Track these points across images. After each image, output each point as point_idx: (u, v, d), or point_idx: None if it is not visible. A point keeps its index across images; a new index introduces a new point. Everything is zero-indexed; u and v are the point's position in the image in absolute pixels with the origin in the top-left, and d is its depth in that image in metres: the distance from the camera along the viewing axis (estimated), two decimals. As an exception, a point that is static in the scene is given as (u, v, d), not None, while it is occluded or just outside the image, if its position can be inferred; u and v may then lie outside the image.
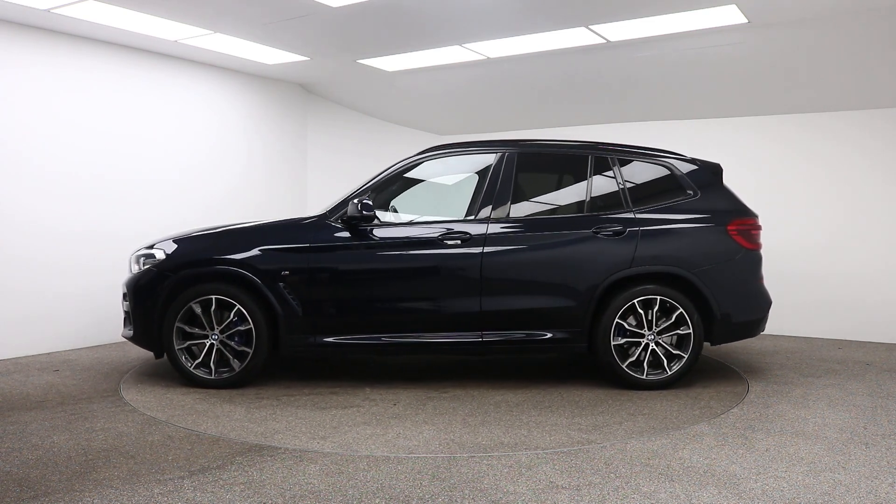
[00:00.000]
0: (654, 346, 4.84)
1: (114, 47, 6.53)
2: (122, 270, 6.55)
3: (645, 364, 4.83)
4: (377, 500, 2.96)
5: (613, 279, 4.81)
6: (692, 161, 5.16)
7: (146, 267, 5.00)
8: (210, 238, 5.06)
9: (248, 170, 7.80)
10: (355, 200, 4.82)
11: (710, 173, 5.12)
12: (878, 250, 6.82)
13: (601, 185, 5.10)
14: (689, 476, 3.23)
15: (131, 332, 5.06)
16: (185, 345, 4.91)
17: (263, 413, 4.32)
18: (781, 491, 3.06)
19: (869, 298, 6.84)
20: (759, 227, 5.07)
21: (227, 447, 3.63)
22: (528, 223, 4.98)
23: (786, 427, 4.01)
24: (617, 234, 4.86)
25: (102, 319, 6.50)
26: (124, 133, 6.64)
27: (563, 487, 3.10)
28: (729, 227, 4.92)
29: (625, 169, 5.08)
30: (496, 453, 3.55)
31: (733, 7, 5.17)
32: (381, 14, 5.51)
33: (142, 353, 6.07)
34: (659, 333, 4.86)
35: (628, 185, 5.04)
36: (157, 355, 5.02)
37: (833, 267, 7.01)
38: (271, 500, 2.96)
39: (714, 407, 4.44)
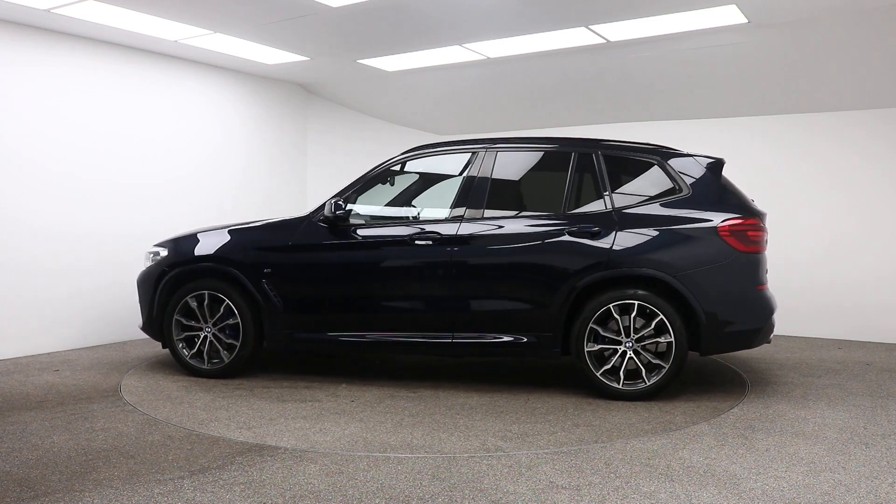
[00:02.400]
0: (632, 355, 4.51)
1: (114, 47, 6.53)
2: (123, 271, 6.59)
3: (621, 373, 4.52)
4: (377, 500, 2.96)
5: (587, 282, 4.55)
6: (686, 156, 4.82)
7: (151, 263, 5.39)
8: (205, 237, 5.34)
9: (248, 170, 7.80)
10: (331, 201, 4.97)
11: (704, 169, 4.75)
12: (878, 250, 6.82)
13: (582, 182, 4.85)
14: (689, 476, 3.24)
15: (142, 323, 5.46)
16: (183, 336, 5.22)
17: (225, 402, 4.54)
18: (781, 491, 3.06)
19: (869, 298, 6.84)
20: (759, 229, 4.62)
21: (227, 447, 3.63)
22: (500, 223, 4.82)
23: (786, 427, 4.01)
24: (592, 234, 4.60)
25: (102, 319, 6.51)
26: (124, 133, 6.64)
27: (563, 487, 3.10)
28: (720, 228, 4.51)
29: (609, 166, 4.79)
30: (494, 454, 3.55)
31: (733, 7, 5.17)
32: (381, 14, 5.51)
33: (141, 354, 6.08)
34: (638, 341, 4.52)
35: (611, 182, 4.75)
36: (163, 345, 5.31)
37: (833, 267, 7.02)
38: (271, 500, 2.96)
39: (714, 407, 4.43)
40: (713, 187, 4.71)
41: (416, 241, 4.84)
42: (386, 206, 5.37)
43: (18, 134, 5.89)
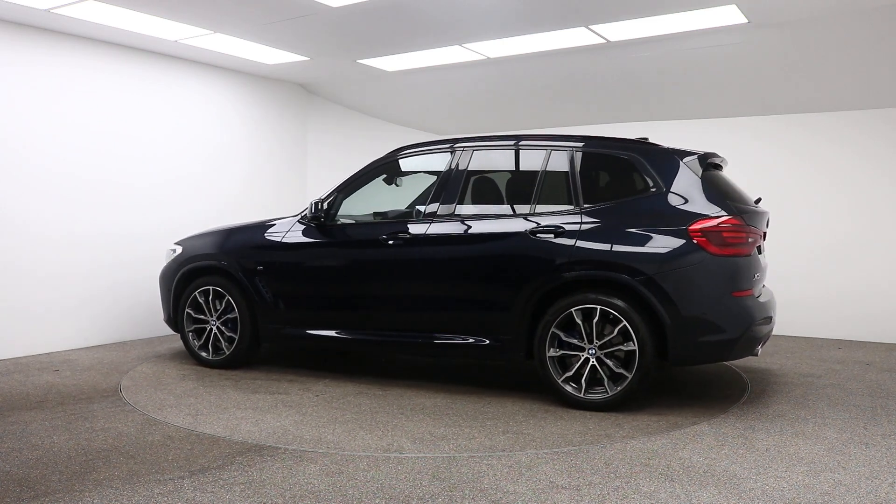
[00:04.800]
0: (595, 362, 4.27)
1: (114, 47, 6.52)
2: (123, 271, 6.62)
3: (583, 381, 4.28)
4: (377, 500, 2.96)
5: (549, 284, 4.36)
6: (665, 152, 4.50)
7: (170, 260, 5.80)
8: (211, 236, 5.70)
9: (249, 170, 7.80)
10: (313, 202, 5.20)
11: (685, 165, 4.40)
12: (878, 250, 6.82)
13: (553, 181, 4.64)
14: (689, 476, 3.23)
15: (164, 316, 5.88)
16: (193, 328, 5.60)
17: (203, 391, 4.83)
18: (781, 491, 3.06)
19: (869, 299, 6.84)
20: (739, 230, 4.23)
21: (227, 447, 3.63)
22: (469, 223, 4.74)
23: (786, 427, 4.01)
24: (556, 234, 4.40)
25: (102, 319, 6.50)
26: (124, 134, 6.63)
27: (563, 487, 3.10)
28: (690, 228, 4.18)
29: (583, 163, 4.57)
30: (494, 454, 3.55)
31: (733, 7, 5.17)
32: (381, 14, 5.51)
33: (142, 353, 6.08)
34: (602, 348, 4.26)
35: (583, 180, 4.53)
36: (181, 336, 5.75)
37: (833, 267, 7.02)
38: (271, 500, 2.96)
39: (714, 407, 4.43)
40: (692, 185, 4.35)
41: (389, 242, 4.88)
42: (368, 206, 5.45)
43: (17, 134, 5.88)
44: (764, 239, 4.93)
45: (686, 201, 4.31)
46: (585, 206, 4.46)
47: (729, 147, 7.00)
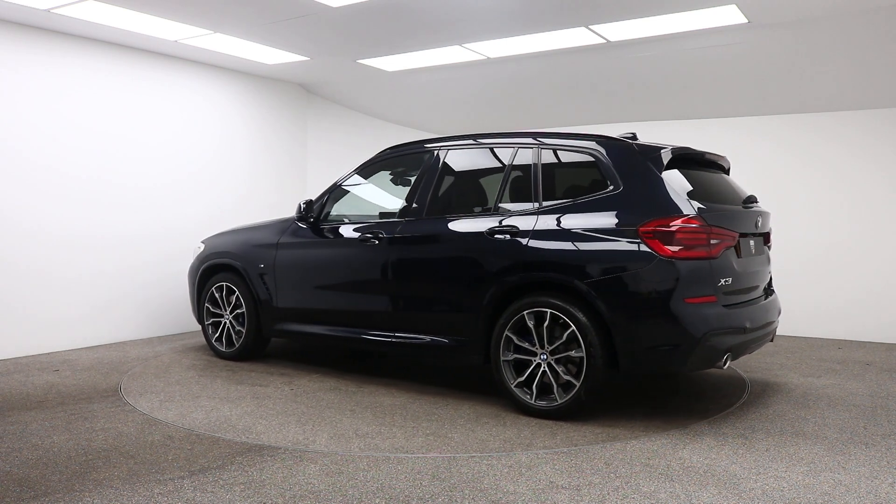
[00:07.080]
0: (547, 368, 4.11)
1: (114, 47, 6.52)
2: (122, 272, 6.61)
3: (534, 387, 4.14)
4: (377, 500, 2.96)
5: (504, 286, 4.26)
6: (629, 148, 4.22)
7: (194, 257, 6.15)
8: (225, 235, 6.06)
9: (249, 170, 7.79)
10: (300, 203, 5.45)
11: (647, 162, 4.11)
12: (877, 250, 6.82)
13: (518, 179, 4.55)
14: (689, 476, 3.24)
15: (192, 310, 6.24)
16: (210, 321, 5.96)
17: (194, 380, 5.12)
18: (781, 491, 3.06)
19: (869, 299, 6.84)
20: (697, 232, 3.91)
21: (227, 447, 3.63)
22: (434, 223, 4.71)
23: (786, 427, 4.01)
24: (511, 235, 4.29)
25: (103, 320, 6.50)
26: (123, 134, 6.63)
27: (563, 487, 3.10)
28: (641, 229, 3.91)
29: (546, 161, 4.44)
30: (494, 454, 3.55)
31: (733, 7, 5.17)
32: (381, 14, 5.51)
33: (141, 354, 6.08)
34: (552, 353, 4.10)
35: (544, 178, 4.39)
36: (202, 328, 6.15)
37: (833, 267, 7.02)
38: (271, 500, 2.96)
39: (714, 407, 4.43)
40: (653, 182, 4.05)
41: (367, 242, 4.96)
42: (354, 206, 5.52)
43: (17, 134, 5.88)
44: (767, 241, 4.89)
45: (643, 200, 4.03)
46: (544, 204, 4.32)
47: (729, 147, 6.99)
